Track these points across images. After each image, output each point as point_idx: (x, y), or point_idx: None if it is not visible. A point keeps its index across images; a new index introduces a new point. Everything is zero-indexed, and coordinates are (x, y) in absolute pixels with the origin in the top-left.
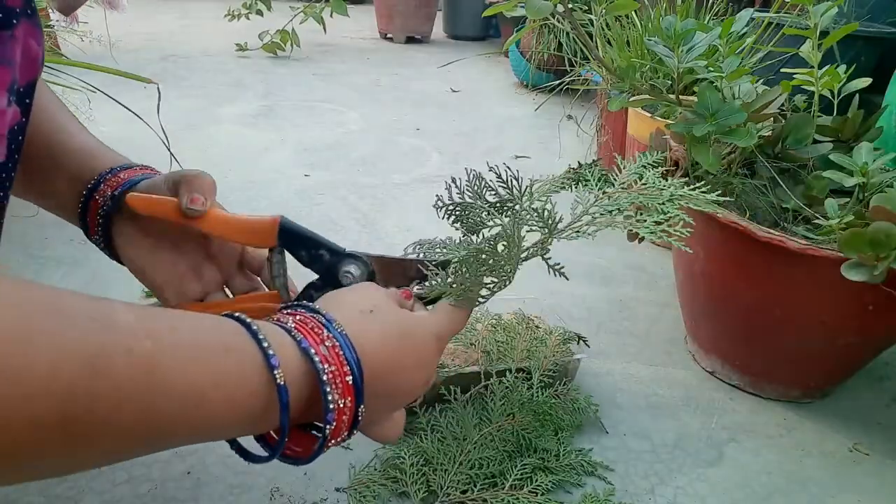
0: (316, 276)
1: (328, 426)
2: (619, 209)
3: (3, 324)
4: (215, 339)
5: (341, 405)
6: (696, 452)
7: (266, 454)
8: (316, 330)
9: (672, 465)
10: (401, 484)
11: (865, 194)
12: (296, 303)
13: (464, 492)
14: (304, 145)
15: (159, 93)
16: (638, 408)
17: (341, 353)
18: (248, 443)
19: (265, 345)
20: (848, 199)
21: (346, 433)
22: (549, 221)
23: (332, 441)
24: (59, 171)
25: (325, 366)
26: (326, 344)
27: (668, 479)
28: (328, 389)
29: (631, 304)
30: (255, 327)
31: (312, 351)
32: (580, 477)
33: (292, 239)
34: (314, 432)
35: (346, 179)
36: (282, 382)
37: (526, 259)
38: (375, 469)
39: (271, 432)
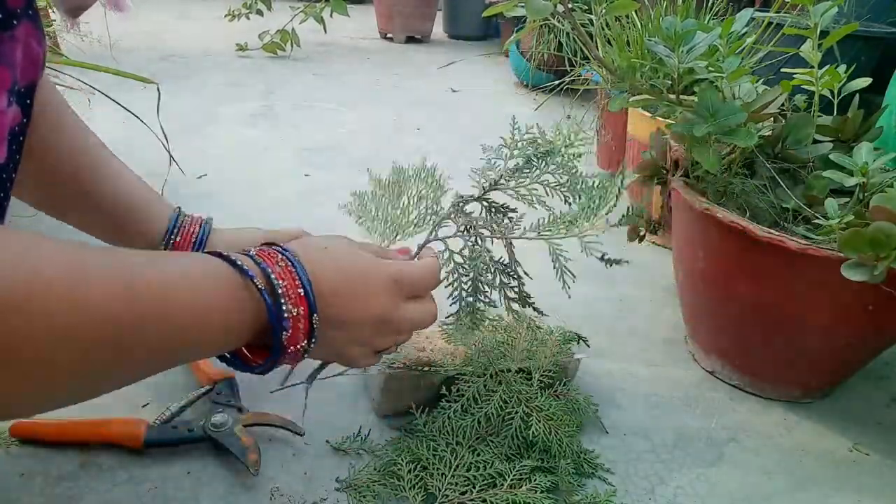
0: None
1: (285, 332)
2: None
3: (60, 268)
4: (204, 266)
5: (295, 313)
6: (696, 452)
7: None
8: (272, 255)
9: (672, 465)
10: (398, 490)
11: (865, 194)
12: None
13: (463, 493)
14: (303, 145)
15: (159, 93)
16: (638, 408)
17: (293, 269)
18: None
19: (240, 263)
20: (848, 199)
21: (304, 341)
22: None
23: (291, 347)
24: (129, 225)
25: (280, 281)
26: (280, 264)
27: (668, 479)
28: (282, 301)
29: (631, 304)
30: (233, 258)
31: (269, 270)
32: (580, 478)
33: None
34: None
35: (346, 179)
36: (262, 286)
37: None
38: (375, 469)
39: (246, 352)
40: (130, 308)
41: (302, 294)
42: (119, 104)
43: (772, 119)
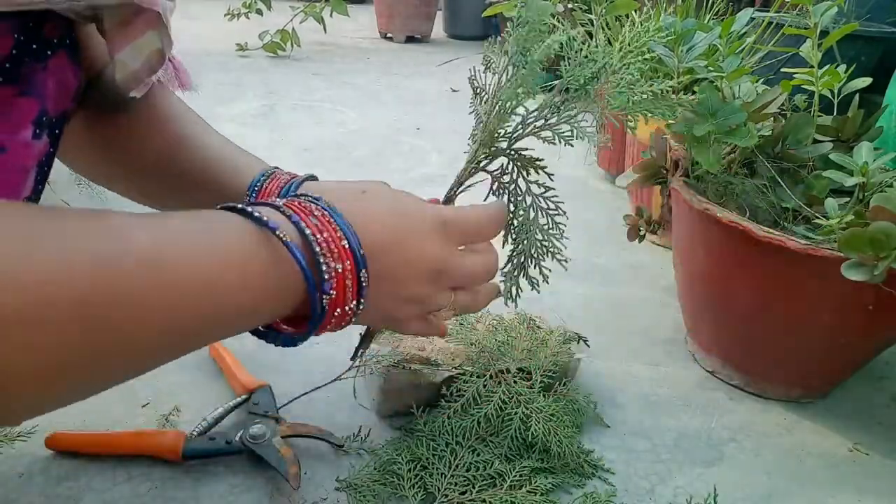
0: None
1: (326, 296)
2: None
3: (7, 233)
4: (210, 221)
5: (339, 270)
6: (696, 452)
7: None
8: (304, 206)
9: (672, 465)
10: (398, 488)
11: (865, 194)
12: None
13: (462, 493)
14: (304, 145)
15: None
16: (638, 408)
17: (332, 220)
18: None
19: (257, 214)
20: (848, 199)
21: (353, 302)
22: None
23: (338, 309)
24: (206, 188)
25: (317, 235)
26: (316, 214)
27: (668, 479)
28: (321, 259)
29: (631, 304)
30: (249, 209)
31: (303, 224)
32: (580, 478)
33: None
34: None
35: (347, 179)
36: (287, 240)
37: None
38: (375, 469)
39: (283, 325)
40: (102, 283)
41: (346, 247)
42: None
43: (772, 119)
